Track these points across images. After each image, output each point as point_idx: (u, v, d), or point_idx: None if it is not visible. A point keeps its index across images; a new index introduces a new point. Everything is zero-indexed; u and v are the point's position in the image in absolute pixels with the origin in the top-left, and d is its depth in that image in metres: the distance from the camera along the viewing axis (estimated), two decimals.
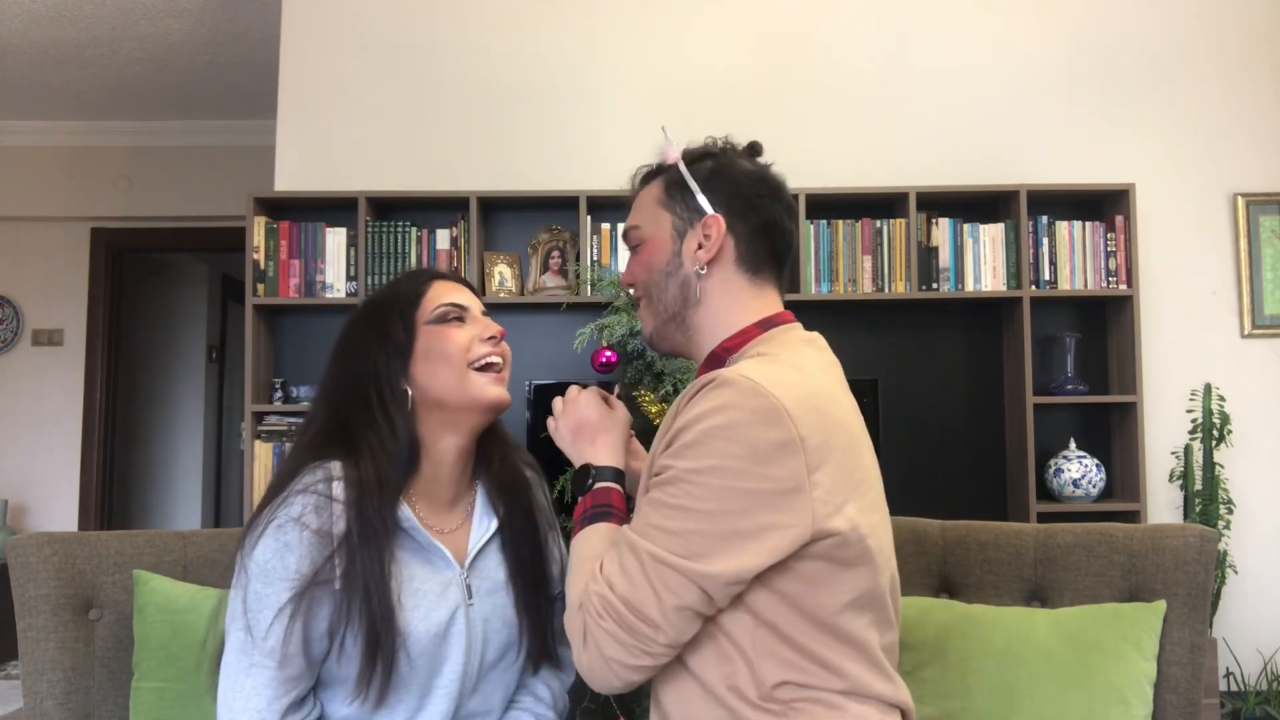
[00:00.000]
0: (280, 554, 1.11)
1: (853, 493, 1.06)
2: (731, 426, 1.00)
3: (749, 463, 1.00)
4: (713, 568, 0.99)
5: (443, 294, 1.26)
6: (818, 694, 1.05)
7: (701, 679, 1.06)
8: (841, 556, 1.04)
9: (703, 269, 1.15)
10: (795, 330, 1.18)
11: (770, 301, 1.19)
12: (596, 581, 1.04)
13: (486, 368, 1.24)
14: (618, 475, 1.19)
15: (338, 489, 1.14)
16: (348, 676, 1.14)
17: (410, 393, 1.21)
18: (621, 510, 1.15)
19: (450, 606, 1.19)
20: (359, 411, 1.20)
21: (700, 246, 1.16)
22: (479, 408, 1.23)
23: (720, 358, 1.16)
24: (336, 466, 1.15)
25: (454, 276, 1.32)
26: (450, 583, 1.21)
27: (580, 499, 1.17)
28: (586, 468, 1.20)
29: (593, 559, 1.08)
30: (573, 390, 1.28)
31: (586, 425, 1.23)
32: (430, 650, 1.17)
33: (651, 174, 1.25)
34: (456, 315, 1.25)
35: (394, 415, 1.19)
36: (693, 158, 1.21)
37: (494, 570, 1.26)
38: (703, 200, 1.16)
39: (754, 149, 1.26)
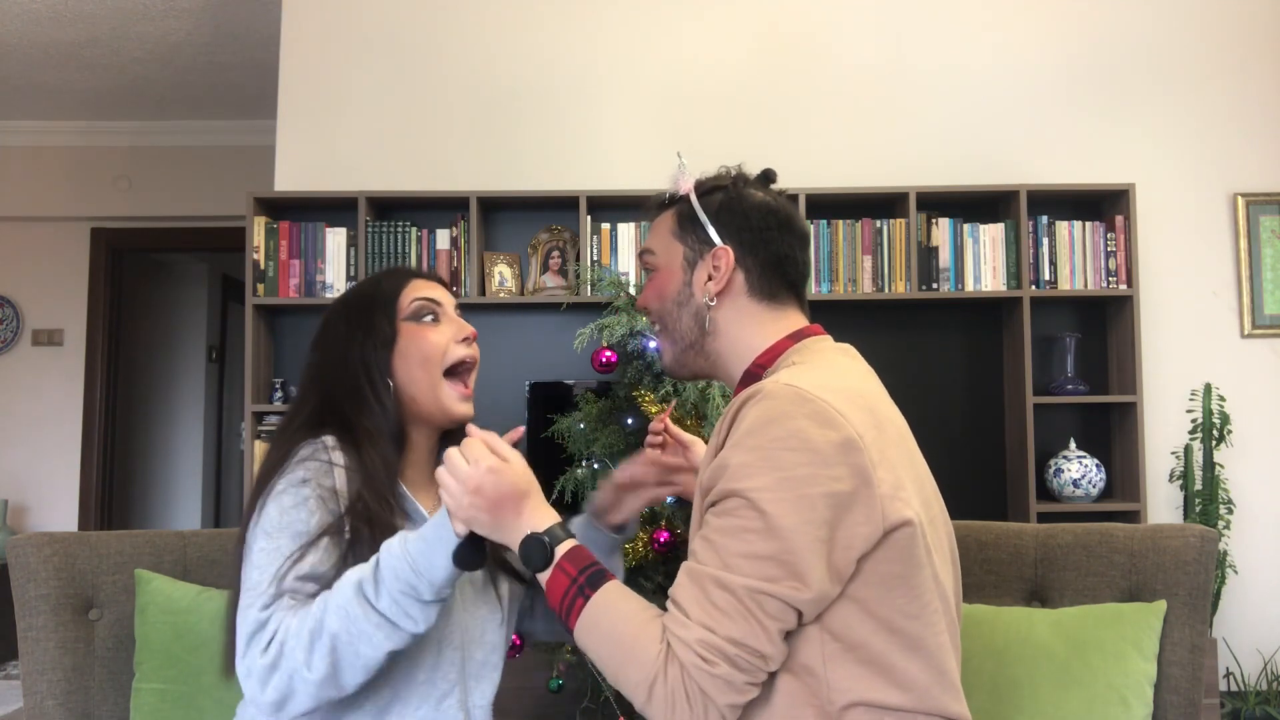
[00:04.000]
0: (292, 510, 1.16)
1: (914, 486, 1.06)
2: (789, 436, 0.99)
3: (815, 468, 0.98)
4: (810, 587, 0.97)
5: (418, 289, 1.33)
6: (887, 714, 1.01)
7: (772, 704, 1.02)
8: (912, 552, 1.02)
9: (712, 300, 1.16)
10: (827, 340, 1.18)
11: (794, 320, 1.19)
12: (685, 629, 0.97)
13: (459, 370, 1.30)
14: (567, 529, 1.09)
15: (337, 456, 1.21)
16: None
17: (392, 385, 1.28)
18: (600, 563, 1.08)
19: None
20: (351, 397, 1.26)
21: (710, 278, 1.17)
22: (445, 418, 1.30)
23: (756, 375, 1.15)
24: (330, 439, 1.22)
25: (430, 274, 1.38)
26: None
27: (551, 572, 1.06)
28: (531, 538, 1.07)
29: (640, 619, 1.01)
30: (452, 457, 1.10)
31: (503, 499, 1.08)
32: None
33: (667, 202, 1.25)
34: (431, 311, 1.31)
35: (385, 401, 1.26)
36: (704, 190, 1.21)
37: None
38: (712, 233, 1.17)
39: (768, 177, 1.25)
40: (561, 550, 1.06)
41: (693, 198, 1.20)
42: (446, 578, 1.08)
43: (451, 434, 1.34)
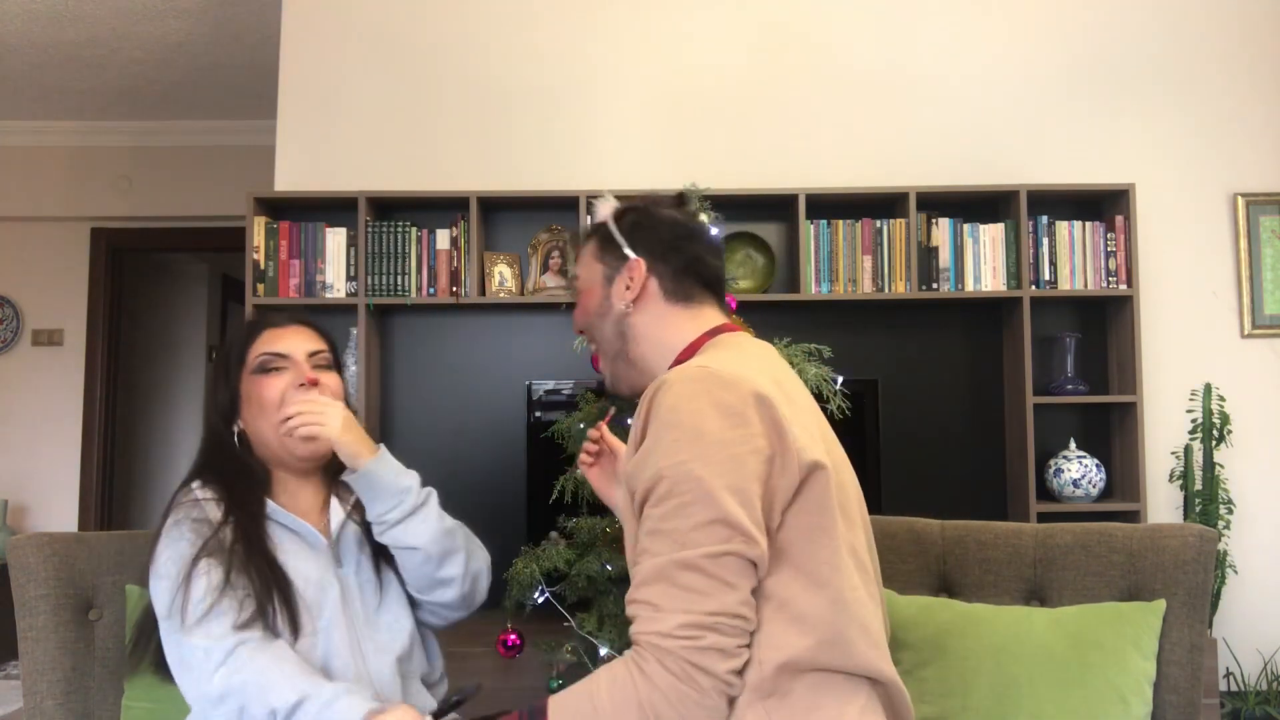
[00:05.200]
0: (170, 546, 1.34)
1: (825, 449, 1.11)
2: (705, 407, 1.05)
3: (737, 428, 1.05)
4: (758, 541, 1.02)
5: (266, 343, 1.43)
6: (813, 673, 1.05)
7: None
8: (826, 501, 1.07)
9: (628, 306, 1.26)
10: (744, 336, 1.26)
11: (710, 318, 1.27)
12: (660, 621, 1.00)
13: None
14: None
15: (202, 492, 1.40)
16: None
17: (238, 430, 1.44)
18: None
19: (322, 567, 1.41)
20: (214, 447, 1.45)
21: (627, 288, 1.26)
22: (295, 457, 1.42)
23: None
24: (196, 483, 1.42)
25: (292, 319, 1.49)
26: (320, 550, 1.43)
27: None
28: None
29: (589, 681, 1.05)
30: None
31: None
32: (316, 597, 1.38)
33: (589, 233, 1.36)
34: (275, 365, 1.42)
35: (232, 446, 1.44)
36: (619, 214, 1.32)
37: (353, 541, 1.47)
38: (625, 248, 1.27)
39: (680, 200, 1.39)
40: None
41: (609, 221, 1.31)
42: None
43: (336, 468, 1.46)
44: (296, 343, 1.44)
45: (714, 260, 1.31)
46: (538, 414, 3.06)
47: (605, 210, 1.33)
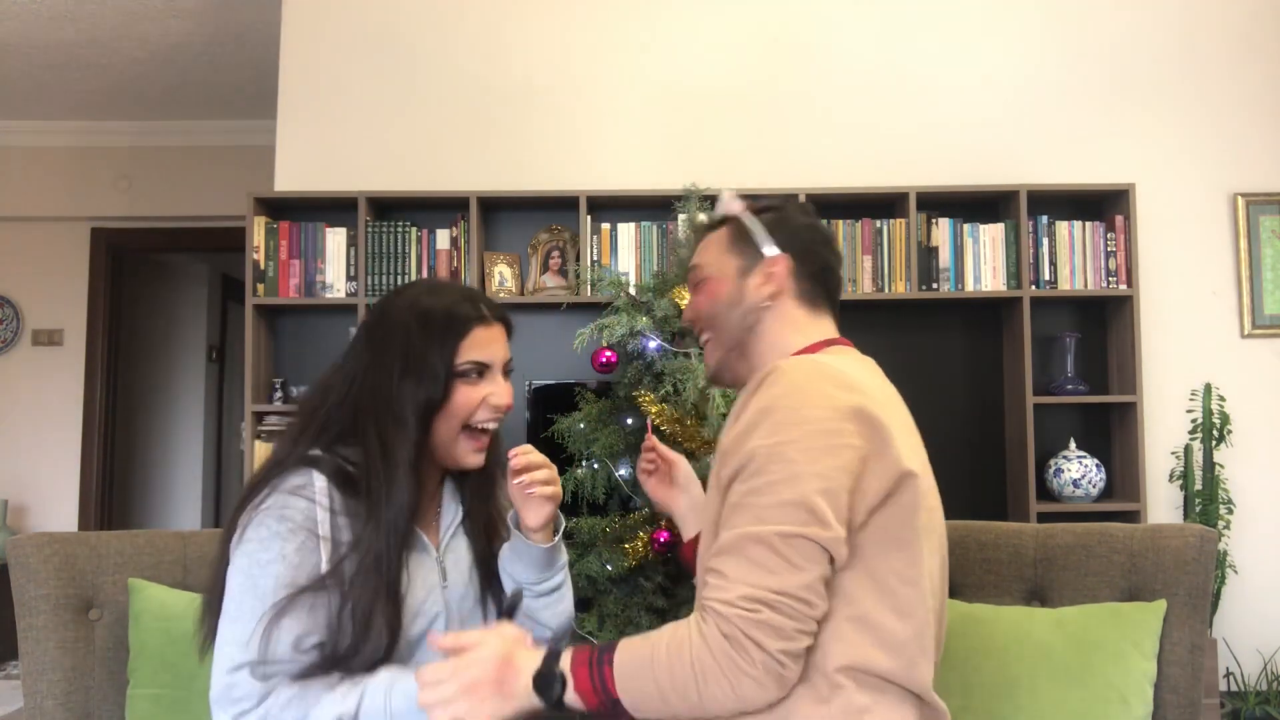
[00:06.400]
0: (273, 551, 1.15)
1: (923, 465, 1.15)
2: (814, 396, 1.08)
3: (840, 422, 1.07)
4: (834, 528, 1.03)
5: (476, 347, 1.28)
6: (873, 680, 1.06)
7: None
8: (914, 514, 1.09)
9: (767, 302, 1.25)
10: (853, 351, 1.27)
11: (827, 328, 1.28)
12: (725, 590, 1.01)
13: (477, 432, 1.28)
14: (555, 647, 1.10)
15: (323, 499, 1.20)
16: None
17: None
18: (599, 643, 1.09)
19: (429, 585, 1.28)
20: (387, 426, 1.23)
21: (764, 283, 1.25)
22: (453, 465, 1.30)
23: None
24: (321, 480, 1.21)
25: (494, 313, 1.33)
26: (428, 559, 1.29)
27: (573, 682, 1.06)
28: (539, 677, 1.07)
29: (655, 635, 1.05)
30: (429, 678, 1.09)
31: (500, 675, 1.08)
32: (420, 630, 1.25)
33: (711, 225, 1.35)
34: (478, 372, 1.28)
35: (416, 437, 1.24)
36: (758, 209, 1.32)
37: (463, 554, 1.35)
38: (767, 243, 1.27)
39: (807, 209, 1.37)
40: (566, 661, 1.07)
41: (745, 216, 1.30)
42: None
43: (457, 472, 1.35)
44: (498, 349, 1.32)
45: (839, 271, 1.32)
46: (538, 414, 3.06)
47: (736, 205, 1.32)
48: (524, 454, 1.29)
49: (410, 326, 1.26)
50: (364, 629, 1.15)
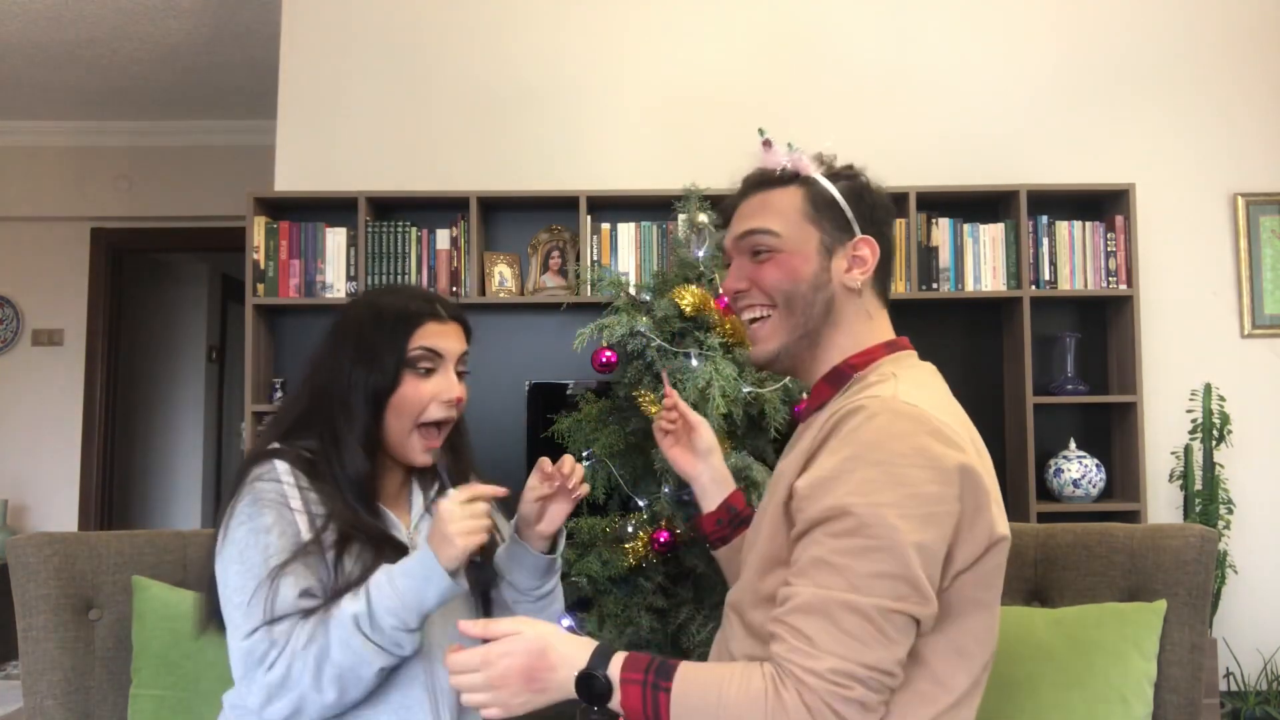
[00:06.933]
0: (259, 534, 1.22)
1: (1001, 513, 1.08)
2: (915, 453, 0.99)
3: (942, 485, 0.99)
4: (932, 602, 0.98)
5: (427, 336, 1.31)
6: None
7: None
8: (998, 577, 1.06)
9: (857, 288, 1.15)
10: (915, 357, 1.19)
11: (887, 323, 1.20)
12: (815, 660, 0.95)
13: (430, 427, 1.32)
14: (603, 645, 1.04)
15: (288, 478, 1.26)
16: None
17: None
18: (655, 656, 1.03)
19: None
20: (339, 409, 1.30)
21: (851, 268, 1.15)
22: (404, 460, 1.34)
23: (845, 373, 1.15)
24: (282, 464, 1.27)
25: (449, 311, 1.36)
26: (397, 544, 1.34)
27: (620, 692, 1.01)
28: (582, 678, 1.02)
29: (726, 677, 0.99)
30: (459, 665, 1.05)
31: (531, 666, 1.03)
32: None
33: (775, 180, 1.20)
34: (429, 364, 1.31)
35: (366, 419, 1.30)
36: (833, 174, 1.20)
37: None
38: (854, 221, 1.16)
39: (878, 184, 1.26)
40: (615, 668, 1.02)
41: (826, 182, 1.17)
42: (433, 605, 1.18)
43: (420, 470, 1.38)
44: (453, 343, 1.34)
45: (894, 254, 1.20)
46: (538, 414, 3.06)
47: (805, 163, 1.20)
48: (565, 461, 1.34)
49: (365, 320, 1.32)
50: (357, 581, 1.21)
